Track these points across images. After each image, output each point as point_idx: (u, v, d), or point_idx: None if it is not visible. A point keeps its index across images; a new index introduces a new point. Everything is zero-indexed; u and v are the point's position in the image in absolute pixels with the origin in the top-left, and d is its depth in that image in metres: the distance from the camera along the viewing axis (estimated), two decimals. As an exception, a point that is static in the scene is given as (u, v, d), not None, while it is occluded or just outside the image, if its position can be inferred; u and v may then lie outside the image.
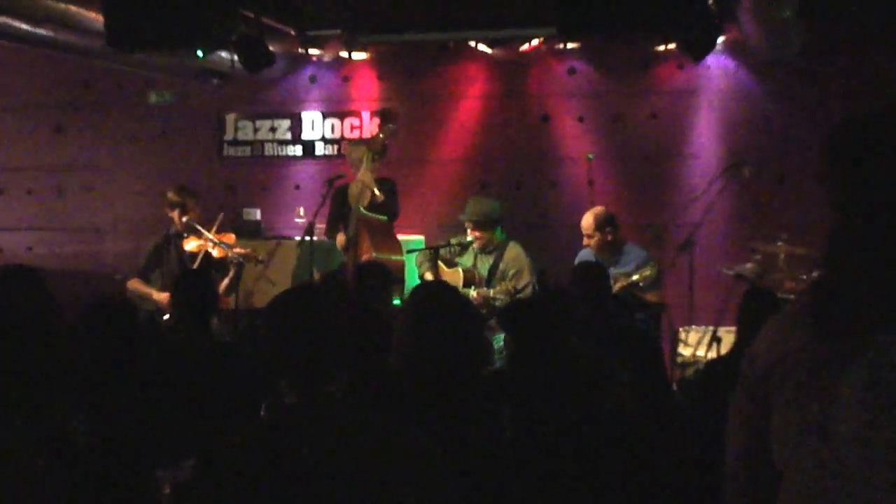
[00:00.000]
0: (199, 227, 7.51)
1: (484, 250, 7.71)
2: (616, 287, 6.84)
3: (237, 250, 7.47)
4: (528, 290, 7.42)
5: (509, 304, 5.37)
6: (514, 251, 7.69)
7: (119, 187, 10.73)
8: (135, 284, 7.66)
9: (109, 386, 4.13)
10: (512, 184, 9.86)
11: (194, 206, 7.66)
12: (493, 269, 7.64)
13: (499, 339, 6.19)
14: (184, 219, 7.58)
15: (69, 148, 10.83)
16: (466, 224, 7.74)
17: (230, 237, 7.64)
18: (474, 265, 7.74)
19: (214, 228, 7.53)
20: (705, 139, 9.48)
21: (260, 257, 7.74)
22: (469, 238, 7.73)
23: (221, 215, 7.67)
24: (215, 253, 7.50)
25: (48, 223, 10.89)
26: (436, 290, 3.80)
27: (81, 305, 4.43)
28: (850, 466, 1.80)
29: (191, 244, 7.58)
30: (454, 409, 3.35)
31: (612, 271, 6.84)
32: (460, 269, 7.69)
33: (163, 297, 7.27)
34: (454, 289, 3.82)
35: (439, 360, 3.38)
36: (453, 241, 7.87)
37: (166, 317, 6.93)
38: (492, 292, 7.37)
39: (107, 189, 10.77)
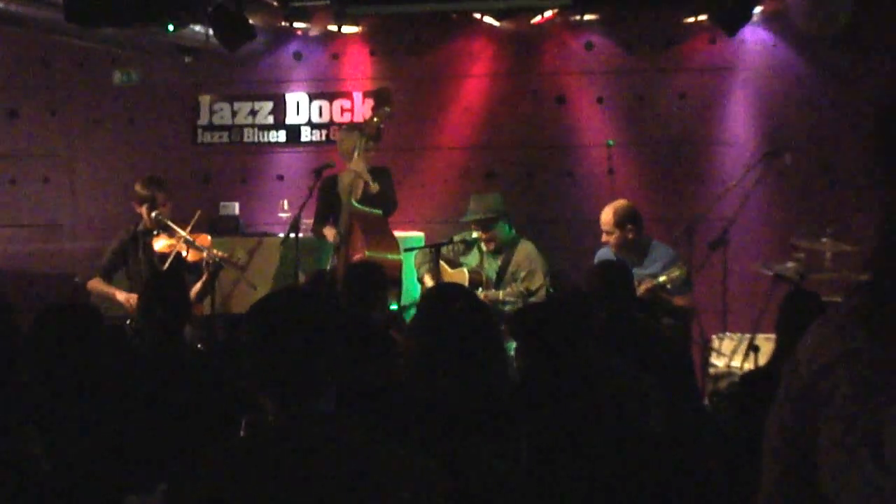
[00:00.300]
0: (171, 224, 7.50)
1: (489, 249, 7.72)
2: (640, 290, 6.83)
3: (217, 253, 7.41)
4: (541, 293, 7.42)
5: (520, 310, 5.37)
6: (525, 250, 7.70)
7: (79, 178, 10.71)
8: (95, 284, 7.69)
9: (70, 402, 4.13)
10: (522, 174, 9.86)
11: (165, 199, 7.65)
12: (501, 269, 7.65)
13: (508, 348, 6.19)
14: (153, 214, 7.57)
15: (23, 134, 10.78)
16: (473, 227, 7.77)
17: (205, 238, 7.60)
18: (481, 265, 7.74)
19: (189, 227, 7.50)
20: (740, 123, 9.48)
21: (240, 261, 7.70)
22: (474, 235, 7.73)
23: (198, 213, 7.63)
24: (188, 256, 7.48)
25: (2, 219, 10.87)
26: (453, 294, 3.80)
27: (37, 311, 4.43)
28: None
29: (160, 243, 7.58)
30: (463, 430, 3.35)
31: (636, 272, 6.83)
32: (465, 270, 7.69)
33: (126, 297, 7.28)
34: (473, 294, 3.82)
35: (455, 373, 3.38)
36: (456, 238, 7.88)
37: (129, 321, 6.93)
38: (501, 295, 7.37)
39: (65, 180, 10.74)
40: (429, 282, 7.64)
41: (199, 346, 6.44)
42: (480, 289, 7.54)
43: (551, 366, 4.13)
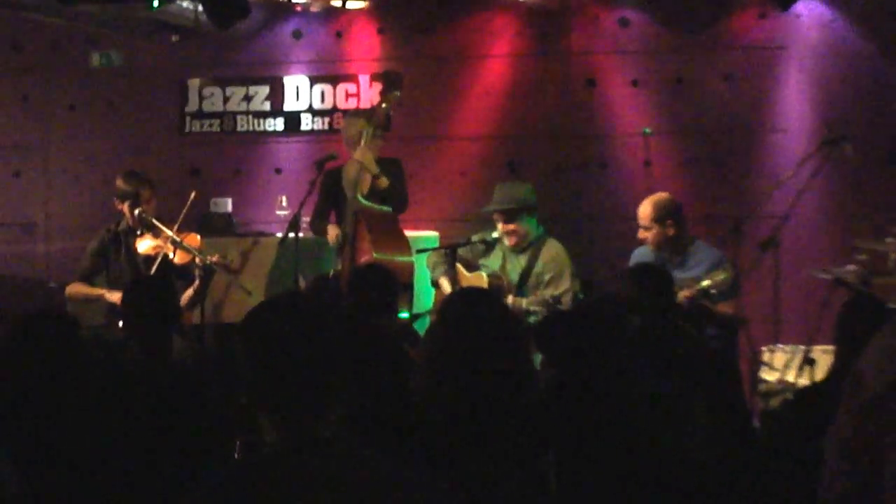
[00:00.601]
0: (157, 223, 7.52)
1: (517, 248, 7.69)
2: (681, 296, 6.81)
3: (208, 255, 7.40)
4: (569, 300, 7.41)
5: (546, 318, 5.38)
6: (551, 251, 7.68)
7: (54, 172, 10.74)
8: (77, 288, 7.71)
9: (45, 421, 4.14)
10: (549, 166, 9.85)
11: (149, 196, 7.66)
12: (525, 272, 7.63)
13: (533, 361, 6.19)
14: (136, 212, 7.58)
15: (-9, 123, 10.86)
16: (495, 217, 7.73)
17: (194, 238, 7.60)
18: (502, 268, 7.73)
19: (177, 226, 7.51)
20: (794, 108, 9.46)
21: (233, 264, 7.71)
22: (495, 234, 7.70)
23: (185, 209, 7.65)
24: (175, 258, 7.49)
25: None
26: (474, 301, 3.81)
27: (7, 321, 4.45)
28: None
29: (145, 244, 7.58)
30: (485, 452, 3.36)
31: (677, 275, 6.82)
32: (484, 274, 7.68)
33: (116, 297, 7.22)
34: (498, 300, 3.82)
35: (475, 389, 3.39)
36: (475, 237, 7.87)
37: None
38: (524, 302, 7.36)
39: (39, 174, 10.77)
40: (445, 287, 7.63)
41: (188, 359, 6.46)
42: (501, 295, 7.50)
43: (580, 381, 4.13)
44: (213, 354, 7.32)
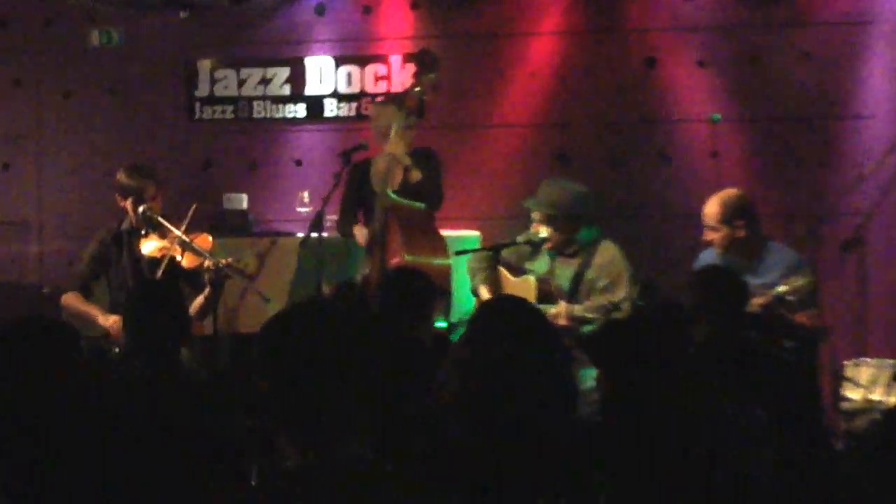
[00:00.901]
0: (163, 222, 7.50)
1: (560, 252, 7.68)
2: (754, 304, 6.81)
3: (224, 261, 7.37)
4: (627, 307, 7.40)
5: (602, 328, 5.38)
6: (607, 253, 7.66)
7: (48, 165, 10.77)
8: (71, 300, 7.68)
9: (39, 442, 4.17)
10: (602, 157, 9.83)
11: (154, 191, 7.62)
12: (577, 277, 7.61)
13: (587, 377, 6.20)
14: (140, 210, 7.54)
15: (-22, 111, 10.92)
16: (532, 215, 7.73)
17: (205, 239, 7.57)
18: (552, 272, 7.72)
19: (184, 225, 7.52)
20: (881, 91, 9.41)
21: (249, 268, 7.70)
22: (543, 233, 7.69)
23: (194, 207, 7.62)
24: (184, 262, 7.47)
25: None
26: (506, 309, 3.82)
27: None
28: None
29: (150, 245, 7.55)
30: (525, 478, 3.37)
31: (748, 281, 6.82)
32: (531, 278, 7.67)
33: (111, 321, 7.30)
34: (533, 308, 3.83)
35: (508, 408, 3.40)
36: (521, 238, 7.86)
37: (117, 349, 6.97)
38: (577, 310, 7.36)
39: (31, 167, 10.81)
40: (485, 294, 7.63)
41: (198, 374, 6.48)
42: (551, 302, 7.50)
43: (638, 399, 4.14)
44: (227, 369, 7.36)
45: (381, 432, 2.75)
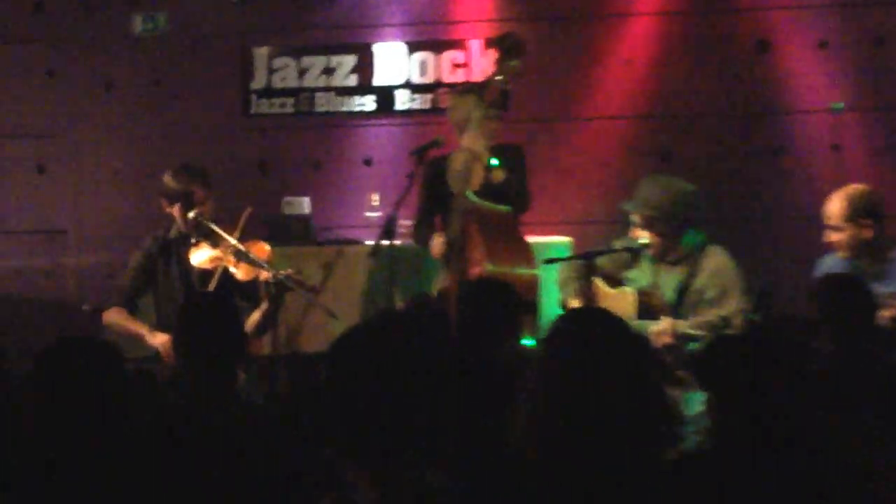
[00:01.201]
0: (215, 229, 7.54)
1: (663, 259, 7.65)
2: (884, 315, 6.76)
3: (284, 273, 7.36)
4: (739, 322, 7.37)
5: (710, 346, 5.36)
6: (715, 260, 7.62)
7: (86, 167, 10.85)
8: (115, 317, 7.71)
9: (81, 474, 4.21)
10: (710, 152, 9.80)
11: (205, 195, 7.68)
12: (683, 288, 7.58)
13: (694, 401, 6.18)
14: (189, 216, 7.61)
15: (10, 106, 10.98)
16: (632, 217, 7.69)
17: (262, 248, 7.59)
18: (654, 283, 7.70)
19: (238, 232, 7.55)
20: None
21: (313, 281, 7.70)
22: (644, 239, 7.66)
23: (248, 212, 7.64)
24: (239, 273, 7.48)
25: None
26: (590, 324, 3.80)
27: (33, 351, 4.49)
28: None
29: (201, 255, 7.59)
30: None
31: (876, 290, 6.77)
32: (630, 290, 7.65)
33: (160, 340, 7.34)
34: (621, 322, 3.82)
35: (595, 436, 3.39)
36: (618, 244, 7.84)
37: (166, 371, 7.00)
38: (682, 326, 7.34)
39: (67, 170, 10.90)
40: (577, 306, 7.63)
41: (256, 399, 6.52)
42: (653, 316, 7.47)
43: (756, 426, 4.11)
44: (288, 393, 7.37)
45: (461, 461, 2.75)
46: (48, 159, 10.86)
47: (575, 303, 7.63)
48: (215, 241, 7.57)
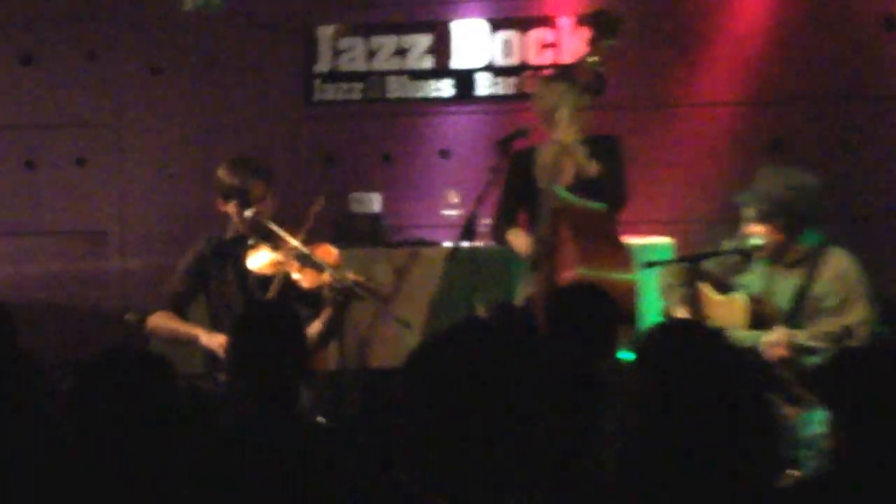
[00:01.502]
0: (275, 229, 7.54)
1: (779, 261, 7.62)
2: None
3: (352, 279, 7.35)
4: (864, 334, 7.34)
5: (831, 360, 5.35)
6: (836, 264, 7.60)
7: (131, 161, 10.93)
8: (162, 320, 7.71)
9: (124, 502, 4.25)
10: (829, 142, 9.77)
11: (264, 192, 7.66)
12: (800, 294, 7.55)
13: (813, 421, 6.16)
14: (246, 215, 7.61)
15: (43, 91, 11.06)
16: (745, 212, 7.66)
17: (328, 251, 7.59)
18: (767, 289, 7.68)
19: (303, 233, 7.52)
20: None
21: (384, 289, 7.66)
22: (756, 240, 7.63)
23: (319, 203, 7.65)
24: (303, 280, 7.47)
25: (10, 223, 11.11)
26: (684, 337, 3.81)
27: (74, 364, 4.53)
28: None
29: (259, 259, 7.59)
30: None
31: None
32: (741, 297, 7.64)
33: (217, 341, 7.28)
34: (720, 333, 3.82)
35: (694, 461, 3.41)
36: (726, 245, 7.83)
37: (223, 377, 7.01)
38: (800, 336, 7.32)
39: (111, 163, 10.97)
40: (681, 315, 7.61)
41: (321, 418, 6.54)
42: (767, 326, 7.45)
43: (883, 450, 4.11)
44: (357, 412, 7.39)
45: (547, 486, 2.77)
46: (89, 151, 10.94)
47: (679, 312, 7.61)
48: (276, 243, 7.55)
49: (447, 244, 8.58)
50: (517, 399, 2.69)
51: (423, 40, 10.47)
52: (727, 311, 7.56)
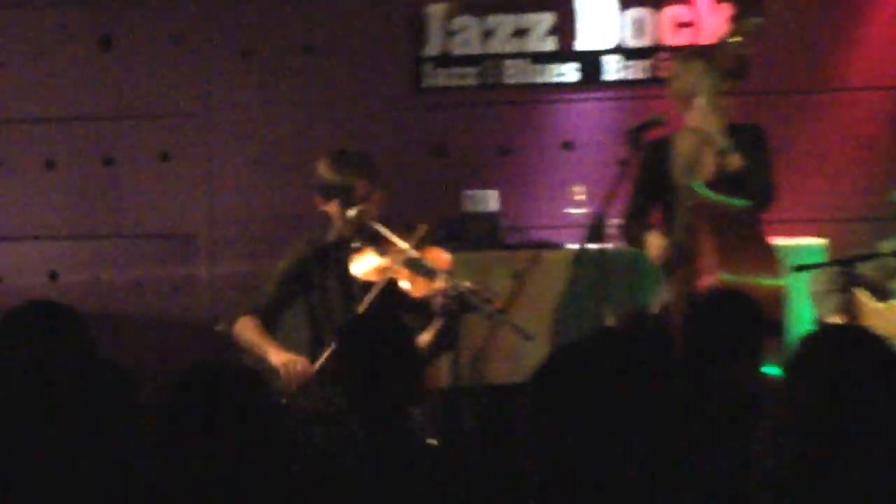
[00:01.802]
0: (383, 232, 7.57)
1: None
2: None
3: (465, 287, 7.34)
4: None
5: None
6: None
7: (221, 156, 11.00)
8: (245, 328, 7.66)
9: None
10: None
11: (369, 190, 7.67)
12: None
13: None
14: (350, 215, 7.63)
15: (122, 78, 11.17)
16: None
17: (440, 256, 7.58)
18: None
19: (417, 237, 7.51)
20: None
21: (499, 300, 7.60)
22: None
23: (425, 227, 7.64)
24: (412, 288, 7.43)
25: (87, 225, 11.24)
26: (844, 346, 3.82)
27: (164, 379, 4.60)
28: None
29: (364, 264, 7.60)
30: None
31: None
32: (902, 304, 7.64)
33: (282, 359, 7.28)
34: (884, 343, 3.82)
35: (857, 483, 3.41)
36: (886, 247, 7.81)
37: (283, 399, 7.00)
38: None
39: (198, 159, 11.05)
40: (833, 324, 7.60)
41: (432, 439, 6.57)
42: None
43: None
44: (473, 433, 7.41)
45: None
46: (173, 145, 10.99)
47: (834, 318, 7.59)
48: (383, 247, 7.56)
49: (572, 246, 8.58)
50: (657, 419, 2.70)
51: (545, 19, 10.47)
52: (885, 319, 7.55)
